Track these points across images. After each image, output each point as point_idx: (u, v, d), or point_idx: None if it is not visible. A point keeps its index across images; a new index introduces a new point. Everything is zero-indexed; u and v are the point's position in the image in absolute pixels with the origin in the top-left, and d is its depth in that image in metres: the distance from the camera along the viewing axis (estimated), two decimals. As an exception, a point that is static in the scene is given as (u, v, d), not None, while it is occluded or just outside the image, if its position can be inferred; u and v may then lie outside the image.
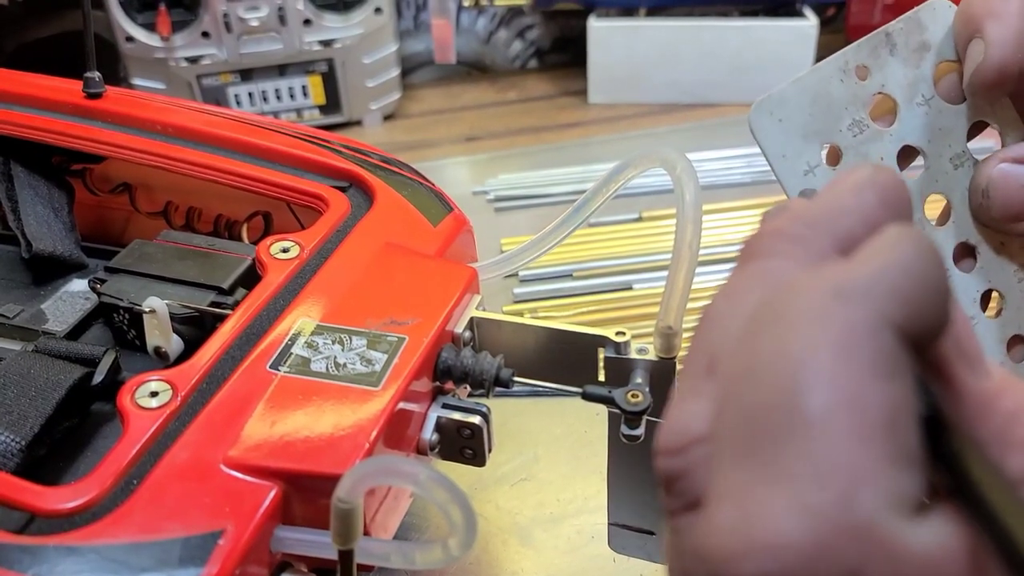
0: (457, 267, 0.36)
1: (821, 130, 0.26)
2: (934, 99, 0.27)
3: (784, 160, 0.26)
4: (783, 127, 0.26)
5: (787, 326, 0.15)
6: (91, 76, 0.45)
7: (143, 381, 0.30)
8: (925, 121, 0.27)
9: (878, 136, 0.27)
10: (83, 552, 0.25)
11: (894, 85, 0.27)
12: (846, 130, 0.27)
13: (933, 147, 0.27)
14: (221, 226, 0.45)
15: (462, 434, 0.32)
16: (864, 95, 0.27)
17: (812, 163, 0.26)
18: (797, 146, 0.26)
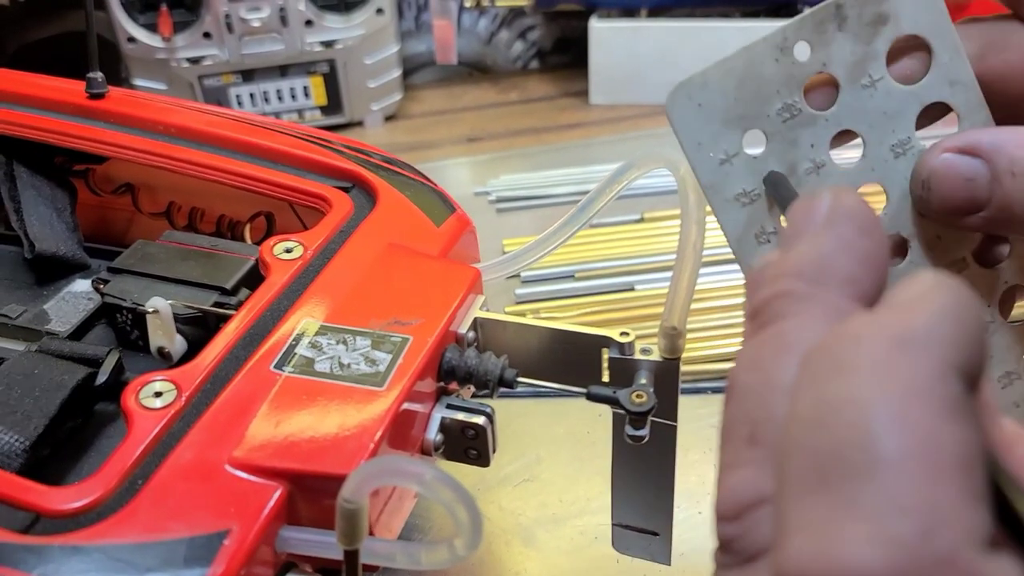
0: (461, 268, 0.36)
1: (745, 115, 0.24)
2: (883, 80, 0.25)
3: (700, 148, 0.24)
4: (702, 113, 0.23)
5: (853, 375, 0.15)
6: (93, 76, 0.45)
7: (147, 381, 0.30)
8: (869, 104, 0.25)
9: (811, 121, 0.24)
10: (88, 552, 0.25)
11: (838, 63, 0.24)
12: (775, 115, 0.24)
13: (874, 133, 0.25)
14: (224, 226, 0.45)
15: (466, 434, 0.32)
16: (800, 75, 0.24)
17: (730, 151, 0.24)
18: (715, 133, 0.24)
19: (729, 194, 0.24)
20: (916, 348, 0.15)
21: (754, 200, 0.24)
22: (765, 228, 0.24)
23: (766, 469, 0.17)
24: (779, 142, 0.24)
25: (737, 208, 0.24)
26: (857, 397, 0.15)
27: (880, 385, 0.15)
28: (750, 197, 0.24)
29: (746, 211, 0.24)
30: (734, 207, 0.24)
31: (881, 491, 0.14)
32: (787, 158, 0.24)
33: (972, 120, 0.25)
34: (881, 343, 0.16)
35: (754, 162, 0.24)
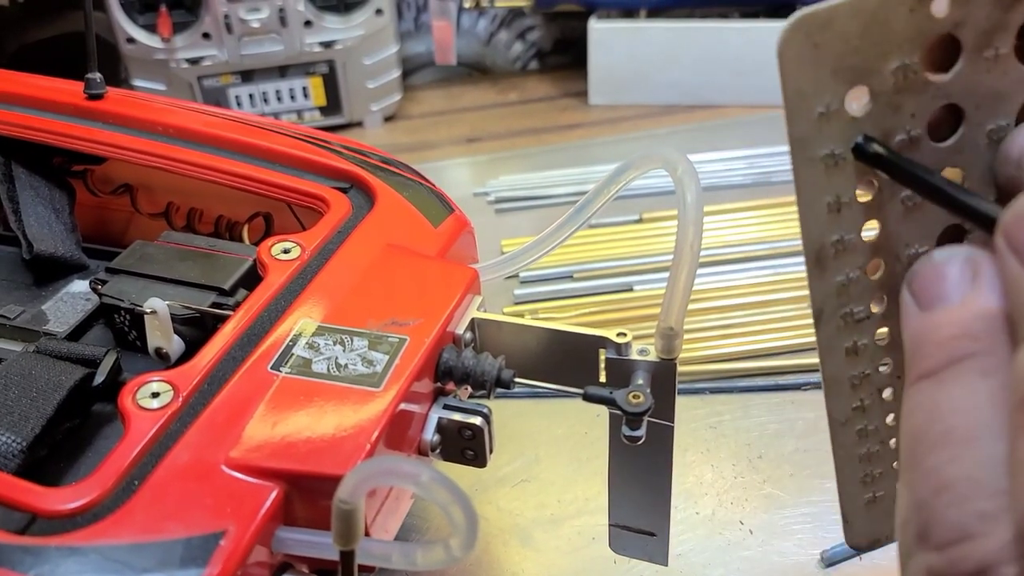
0: (458, 268, 0.36)
1: (859, 67, 0.21)
2: (1007, 56, 0.22)
3: (801, 97, 0.21)
4: (816, 55, 0.20)
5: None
6: (92, 77, 0.45)
7: (144, 382, 0.30)
8: (984, 80, 0.22)
9: (922, 88, 0.22)
10: (85, 552, 0.25)
11: (971, 27, 0.21)
12: (889, 74, 0.21)
13: (979, 113, 0.22)
14: (222, 227, 0.45)
15: (463, 435, 0.32)
16: (929, 32, 0.21)
17: (832, 106, 0.21)
18: (823, 81, 0.21)
19: (816, 152, 0.21)
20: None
21: (838, 163, 0.22)
22: (841, 197, 0.22)
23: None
24: (883, 105, 0.22)
25: (819, 170, 0.21)
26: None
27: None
28: (836, 160, 0.21)
29: (827, 174, 0.22)
30: (816, 167, 0.21)
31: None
32: (884, 124, 0.22)
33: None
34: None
35: (852, 123, 0.21)
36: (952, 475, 0.17)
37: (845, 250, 0.23)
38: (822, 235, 0.22)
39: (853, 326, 0.23)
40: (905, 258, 0.23)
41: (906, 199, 0.23)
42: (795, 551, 0.42)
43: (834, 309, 0.23)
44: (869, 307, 0.23)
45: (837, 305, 0.23)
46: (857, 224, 0.22)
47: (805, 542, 0.43)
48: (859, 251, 0.23)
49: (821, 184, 0.22)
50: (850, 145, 0.21)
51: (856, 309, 0.23)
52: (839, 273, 0.23)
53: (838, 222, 0.22)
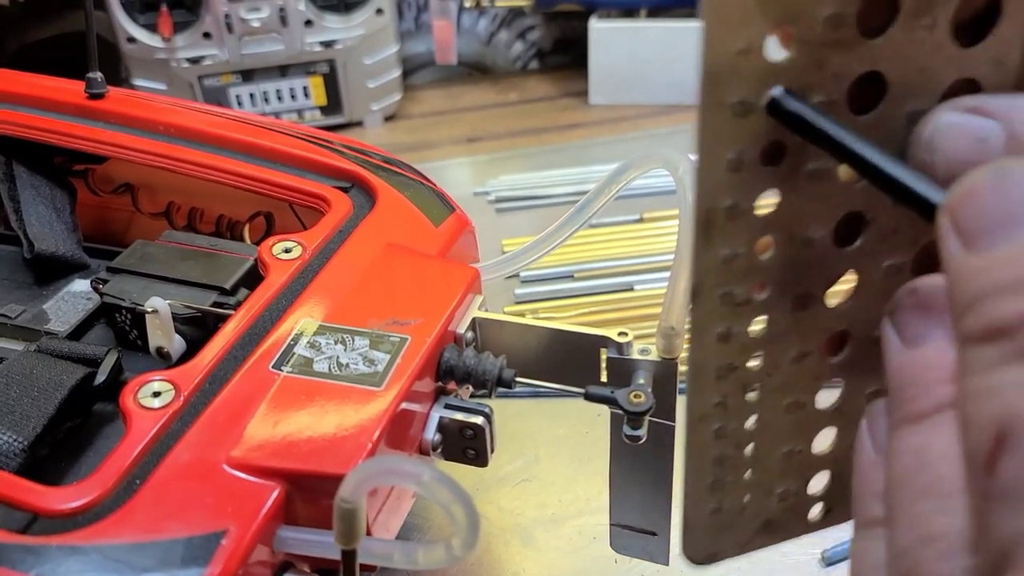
0: (459, 267, 0.36)
1: (790, 5, 0.18)
2: (942, 27, 0.20)
3: (721, 24, 0.18)
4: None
5: None
6: (93, 76, 0.45)
7: (145, 381, 0.30)
8: (914, 53, 0.20)
9: (852, 45, 0.19)
10: (86, 552, 0.25)
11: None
12: (820, 22, 0.19)
13: (902, 88, 0.20)
14: (223, 226, 0.45)
15: (464, 434, 0.32)
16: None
17: (754, 44, 0.18)
18: (748, 10, 0.18)
19: (727, 96, 0.19)
20: None
21: (748, 114, 0.19)
22: (743, 155, 0.19)
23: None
24: (807, 57, 0.19)
25: (727, 117, 0.19)
26: None
27: None
28: (745, 108, 0.19)
29: (733, 124, 0.19)
30: (723, 114, 0.19)
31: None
32: (804, 79, 0.19)
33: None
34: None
35: (770, 69, 0.19)
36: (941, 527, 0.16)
37: (736, 218, 0.20)
38: (716, 197, 0.19)
39: (730, 309, 0.21)
40: (798, 240, 0.21)
41: (810, 173, 0.20)
42: (795, 551, 0.42)
43: (713, 286, 0.20)
44: (750, 291, 0.21)
45: (717, 282, 0.20)
46: (754, 191, 0.20)
47: (805, 541, 0.42)
48: (751, 224, 0.20)
49: (726, 135, 0.19)
50: (765, 95, 0.19)
51: (736, 290, 0.21)
52: (725, 245, 0.20)
53: (736, 185, 0.20)
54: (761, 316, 0.21)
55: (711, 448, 0.22)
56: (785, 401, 0.22)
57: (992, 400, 0.15)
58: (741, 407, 0.22)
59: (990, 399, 0.15)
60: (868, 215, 0.21)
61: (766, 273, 0.21)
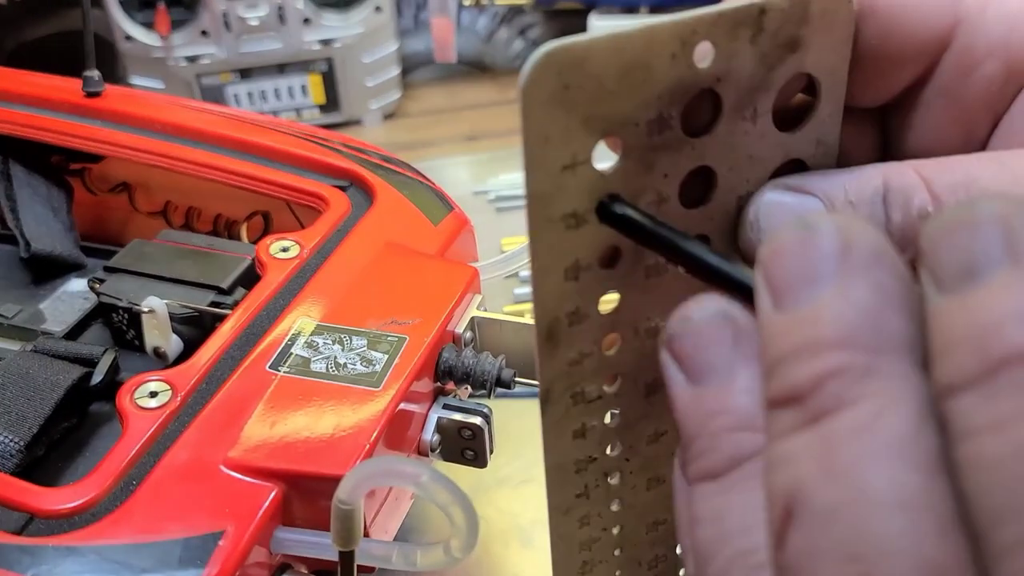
0: (458, 267, 0.36)
1: (613, 116, 0.18)
2: (765, 118, 0.20)
3: (546, 145, 0.17)
4: (566, 97, 0.17)
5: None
6: (90, 75, 0.45)
7: (142, 381, 0.30)
8: (741, 142, 0.20)
9: (678, 145, 0.19)
10: (83, 552, 0.25)
11: (732, 83, 0.19)
12: (644, 126, 0.18)
13: (731, 176, 0.20)
14: (220, 226, 0.45)
15: (463, 435, 0.32)
16: (690, 85, 0.18)
17: (579, 157, 0.18)
18: (571, 129, 0.17)
19: (556, 212, 0.18)
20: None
21: (580, 224, 0.18)
22: (580, 262, 0.19)
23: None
24: (634, 161, 0.19)
25: (560, 230, 0.18)
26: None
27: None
28: (577, 220, 0.18)
29: (566, 237, 0.18)
30: (556, 228, 0.18)
31: None
32: (634, 183, 0.19)
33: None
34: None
35: (597, 178, 0.18)
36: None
37: (580, 322, 0.19)
38: (557, 307, 0.19)
39: (583, 407, 0.20)
40: (643, 332, 0.20)
41: (649, 268, 0.20)
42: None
43: (563, 390, 0.20)
44: (601, 386, 0.20)
45: (567, 385, 0.20)
46: (596, 294, 0.19)
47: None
48: (595, 324, 0.20)
49: (560, 248, 0.18)
50: (594, 204, 0.18)
51: (588, 388, 0.20)
52: (571, 349, 0.19)
53: (576, 291, 0.19)
54: (614, 408, 0.21)
55: (577, 535, 0.22)
56: (645, 479, 0.22)
57: (782, 470, 0.14)
58: (603, 494, 0.22)
59: (781, 469, 0.14)
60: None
61: (615, 367, 0.20)
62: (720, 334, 0.17)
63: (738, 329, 0.17)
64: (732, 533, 0.16)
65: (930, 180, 0.19)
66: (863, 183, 0.19)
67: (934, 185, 0.18)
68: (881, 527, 0.13)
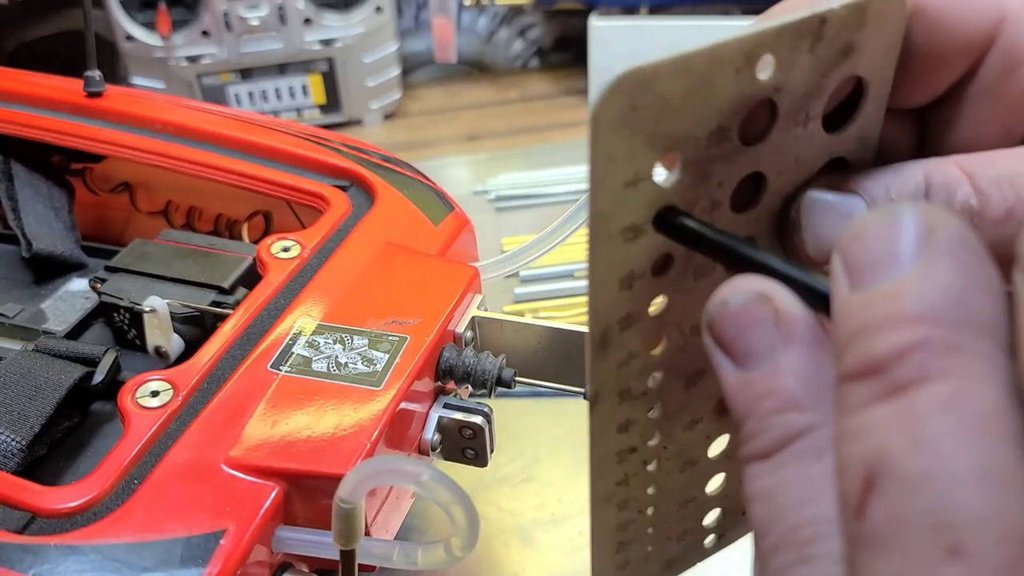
0: (459, 266, 0.36)
1: (675, 133, 0.18)
2: (815, 121, 0.20)
3: (611, 164, 0.17)
4: (634, 118, 0.17)
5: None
6: (91, 75, 0.45)
7: (144, 381, 0.30)
8: (791, 146, 0.20)
9: (735, 154, 0.19)
10: (84, 551, 0.25)
11: (789, 92, 0.19)
12: (704, 139, 0.19)
13: (780, 180, 0.20)
14: (221, 225, 0.45)
15: (464, 434, 0.32)
16: (751, 97, 0.19)
17: (641, 173, 0.18)
18: (635, 147, 0.18)
19: (617, 226, 0.18)
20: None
21: (638, 236, 0.18)
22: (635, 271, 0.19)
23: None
24: (692, 174, 0.19)
25: (618, 243, 0.18)
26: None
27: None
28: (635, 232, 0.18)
29: (624, 249, 0.18)
30: (616, 242, 0.18)
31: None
32: (690, 194, 0.19)
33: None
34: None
35: (657, 191, 0.18)
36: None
37: (630, 327, 0.20)
38: (611, 315, 0.19)
39: (629, 404, 0.21)
40: (687, 330, 0.21)
41: (697, 270, 0.20)
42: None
43: (612, 389, 0.20)
44: (646, 383, 0.21)
45: (615, 386, 0.20)
46: (647, 299, 0.20)
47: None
48: (645, 326, 0.20)
49: (619, 260, 0.19)
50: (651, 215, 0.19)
51: (634, 386, 0.20)
52: (621, 351, 0.20)
53: (629, 299, 0.19)
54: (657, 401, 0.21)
55: (614, 519, 0.22)
56: (680, 463, 0.23)
57: (861, 440, 0.14)
58: (642, 479, 0.22)
59: (860, 439, 0.14)
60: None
61: (660, 364, 0.21)
62: (760, 316, 0.17)
63: (777, 310, 0.17)
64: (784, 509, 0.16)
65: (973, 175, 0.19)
66: (905, 179, 0.19)
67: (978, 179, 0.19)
68: (969, 498, 0.13)
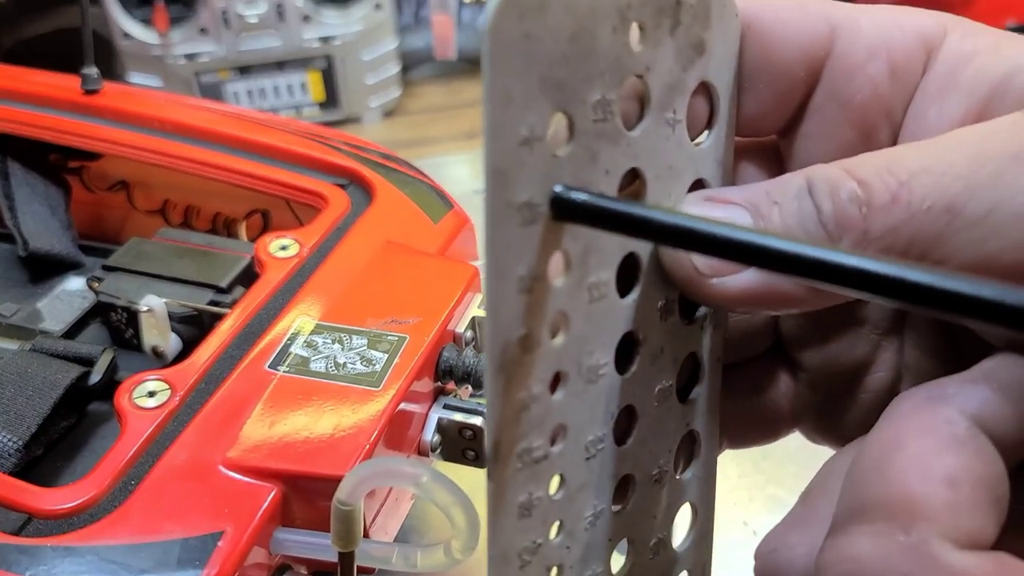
0: (459, 265, 0.36)
1: (564, 84, 0.17)
2: (681, 125, 0.20)
3: (507, 107, 0.16)
4: (526, 47, 0.16)
5: None
6: (89, 72, 0.45)
7: (141, 381, 0.29)
8: (663, 147, 0.19)
9: (615, 137, 0.19)
10: (81, 553, 0.24)
11: (656, 77, 0.19)
12: (590, 107, 0.18)
13: (657, 185, 0.20)
14: (219, 224, 0.45)
15: (463, 435, 0.32)
16: (625, 68, 0.18)
17: (536, 131, 0.17)
18: (530, 91, 0.17)
19: (516, 197, 0.16)
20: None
21: (535, 220, 0.17)
22: (533, 271, 0.17)
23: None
24: (582, 147, 0.18)
25: (516, 224, 0.17)
26: None
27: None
28: (531, 213, 0.17)
29: (521, 234, 0.17)
30: (512, 219, 0.16)
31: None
32: (582, 175, 0.18)
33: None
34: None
35: (552, 162, 0.17)
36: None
37: (530, 351, 0.17)
38: (511, 327, 0.17)
39: (530, 470, 0.18)
40: (585, 373, 0.19)
41: (592, 287, 0.18)
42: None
43: (511, 443, 0.17)
44: (547, 441, 0.18)
45: (515, 437, 0.17)
46: (544, 316, 0.17)
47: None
48: (544, 356, 0.18)
49: (516, 247, 0.17)
50: (547, 195, 0.17)
51: (535, 443, 0.18)
52: (521, 388, 0.17)
53: (528, 310, 0.17)
54: (557, 472, 0.19)
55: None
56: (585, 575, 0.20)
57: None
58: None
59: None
60: (640, 334, 0.20)
61: (560, 414, 0.19)
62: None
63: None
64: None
65: (851, 169, 0.18)
66: (784, 184, 0.19)
67: (857, 171, 0.18)
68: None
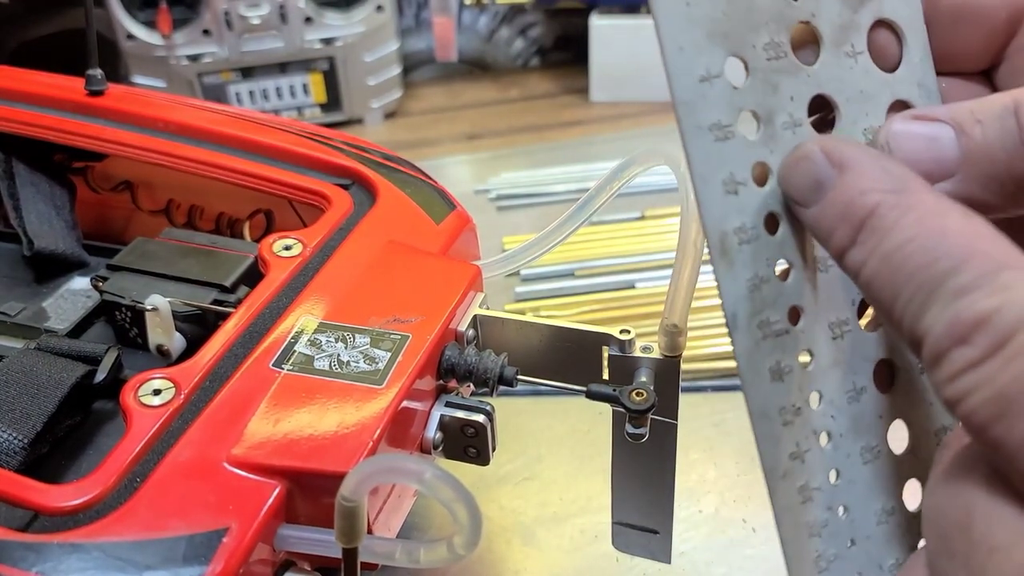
0: (461, 265, 0.36)
1: (731, 35, 0.21)
2: (864, 55, 0.23)
3: (681, 54, 0.20)
4: (688, 12, 0.20)
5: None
6: (93, 73, 0.45)
7: (146, 379, 0.30)
8: (848, 76, 0.22)
9: (794, 70, 0.22)
10: (87, 549, 0.25)
11: (825, 20, 0.22)
12: (760, 49, 0.21)
13: (850, 108, 0.23)
14: (223, 224, 0.45)
15: (466, 433, 0.32)
16: (789, 17, 0.22)
17: (712, 71, 0.21)
18: (699, 43, 0.20)
19: (704, 120, 0.20)
20: None
21: (728, 138, 0.21)
22: (735, 176, 0.21)
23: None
24: (760, 81, 0.21)
25: (708, 141, 0.20)
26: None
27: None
28: (724, 133, 0.21)
29: (717, 148, 0.20)
30: (706, 138, 0.20)
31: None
32: (767, 102, 0.21)
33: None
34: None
35: (734, 93, 0.21)
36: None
37: (750, 242, 0.21)
38: (723, 219, 0.20)
39: (773, 340, 0.21)
40: (811, 260, 0.22)
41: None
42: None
43: (748, 315, 0.21)
44: (786, 319, 0.21)
45: (751, 311, 0.21)
46: (758, 212, 0.21)
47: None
48: (765, 245, 0.21)
49: (713, 158, 0.20)
50: (736, 116, 0.21)
51: (773, 319, 0.21)
52: (747, 269, 0.21)
53: (738, 207, 0.21)
54: (804, 347, 0.21)
55: (802, 512, 0.21)
56: (858, 447, 0.22)
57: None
58: (819, 459, 0.21)
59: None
60: None
61: (793, 297, 0.21)
62: (812, 154, 0.21)
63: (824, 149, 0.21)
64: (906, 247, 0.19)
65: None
66: (990, 103, 0.21)
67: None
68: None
